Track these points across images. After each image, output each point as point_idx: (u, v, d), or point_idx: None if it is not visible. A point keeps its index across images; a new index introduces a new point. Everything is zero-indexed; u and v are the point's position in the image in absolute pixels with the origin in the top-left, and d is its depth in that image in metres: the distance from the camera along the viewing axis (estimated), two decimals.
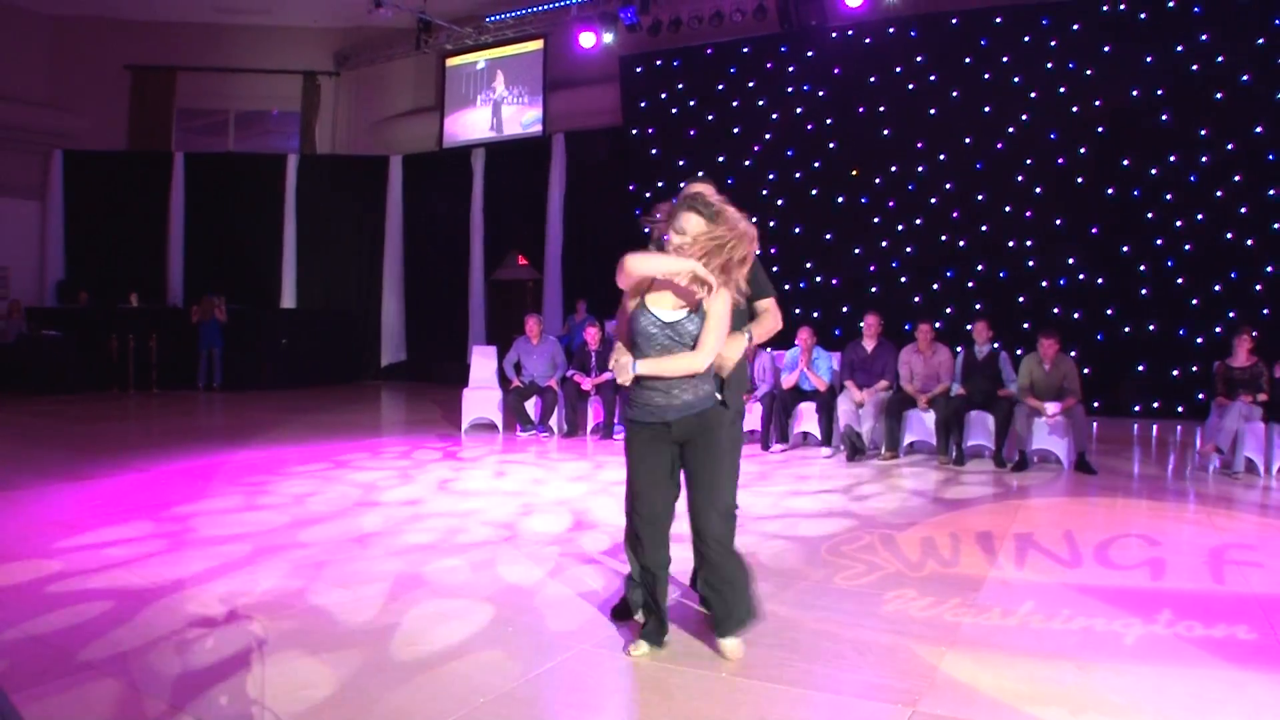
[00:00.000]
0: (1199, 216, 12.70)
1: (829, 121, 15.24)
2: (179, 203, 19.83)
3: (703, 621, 4.40)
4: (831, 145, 15.22)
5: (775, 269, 15.41)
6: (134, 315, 17.25)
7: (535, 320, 11.73)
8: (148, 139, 20.46)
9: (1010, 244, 13.84)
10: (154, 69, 20.40)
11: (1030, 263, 13.75)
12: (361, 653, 4.09)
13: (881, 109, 14.78)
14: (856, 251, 14.91)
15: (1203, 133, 12.65)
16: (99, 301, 18.00)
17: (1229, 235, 12.56)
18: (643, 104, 17.04)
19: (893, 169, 14.65)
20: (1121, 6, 13.11)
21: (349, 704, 3.57)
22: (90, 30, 19.92)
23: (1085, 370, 11.32)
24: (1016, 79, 13.77)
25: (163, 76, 20.55)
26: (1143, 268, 13.06)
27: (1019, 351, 9.85)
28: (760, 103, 15.82)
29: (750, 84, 15.93)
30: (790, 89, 15.54)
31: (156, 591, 4.90)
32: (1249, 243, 12.45)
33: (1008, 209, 13.84)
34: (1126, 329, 13.16)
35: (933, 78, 14.39)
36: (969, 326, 10.33)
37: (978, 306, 13.37)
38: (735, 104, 16.05)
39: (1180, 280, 12.83)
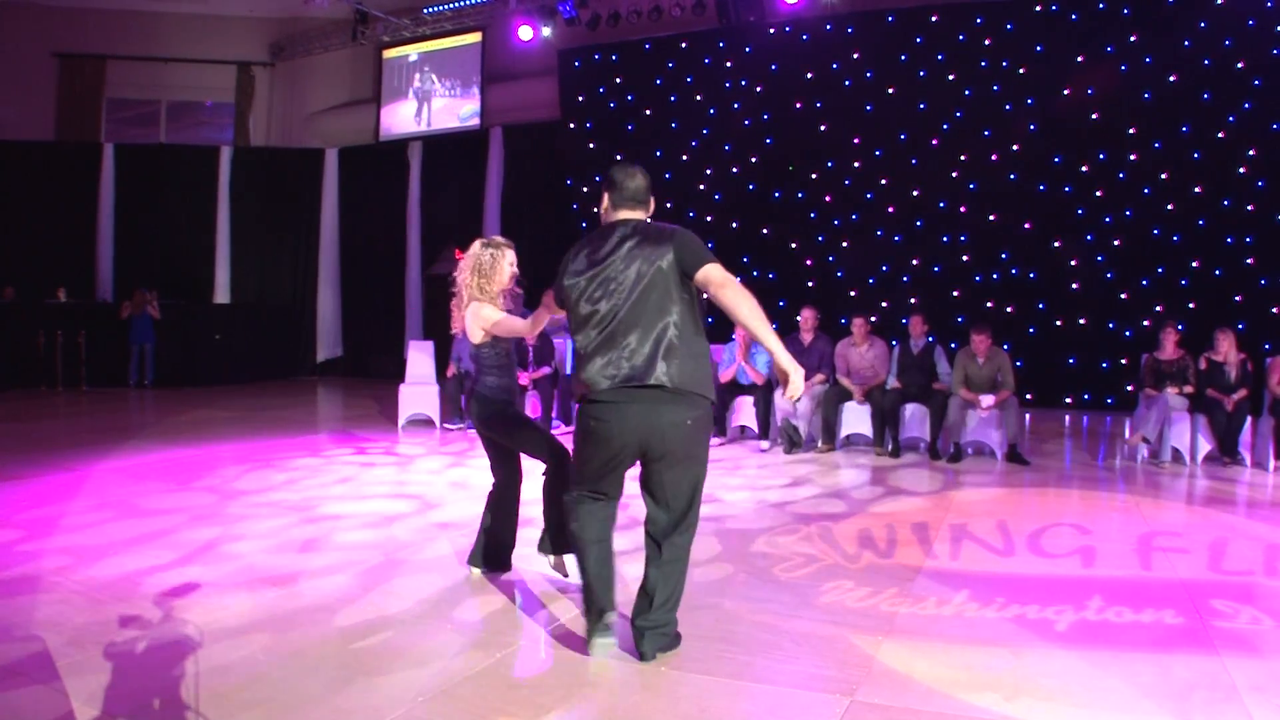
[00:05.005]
0: (1127, 213, 12.97)
1: (766, 117, 15.29)
2: (108, 195, 19.25)
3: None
4: (768, 141, 15.28)
5: None
6: (62, 311, 16.78)
7: None
8: (76, 129, 19.87)
9: (944, 239, 14.02)
10: (83, 57, 19.84)
11: (964, 257, 13.94)
12: (298, 653, 4.00)
13: (818, 105, 14.87)
14: (793, 246, 14.99)
15: (1131, 131, 12.92)
16: (25, 297, 17.46)
17: (1156, 231, 12.85)
18: (580, 98, 16.97)
19: (829, 165, 14.75)
20: (1054, 7, 13.34)
21: (285, 704, 3.49)
22: (17, 17, 19.23)
23: (1018, 363, 11.49)
24: (951, 76, 13.95)
25: (92, 65, 19.99)
26: (1073, 262, 13.30)
27: (953, 345, 9.98)
28: (698, 98, 15.83)
29: (688, 79, 15.92)
30: (728, 84, 15.56)
31: (85, 592, 4.76)
32: (1175, 239, 12.74)
33: (942, 204, 14.02)
34: (1058, 322, 13.40)
35: (869, 74, 14.51)
36: (904, 320, 10.44)
37: (913, 301, 13.52)
38: (673, 99, 16.03)
39: (1110, 275, 13.11)
